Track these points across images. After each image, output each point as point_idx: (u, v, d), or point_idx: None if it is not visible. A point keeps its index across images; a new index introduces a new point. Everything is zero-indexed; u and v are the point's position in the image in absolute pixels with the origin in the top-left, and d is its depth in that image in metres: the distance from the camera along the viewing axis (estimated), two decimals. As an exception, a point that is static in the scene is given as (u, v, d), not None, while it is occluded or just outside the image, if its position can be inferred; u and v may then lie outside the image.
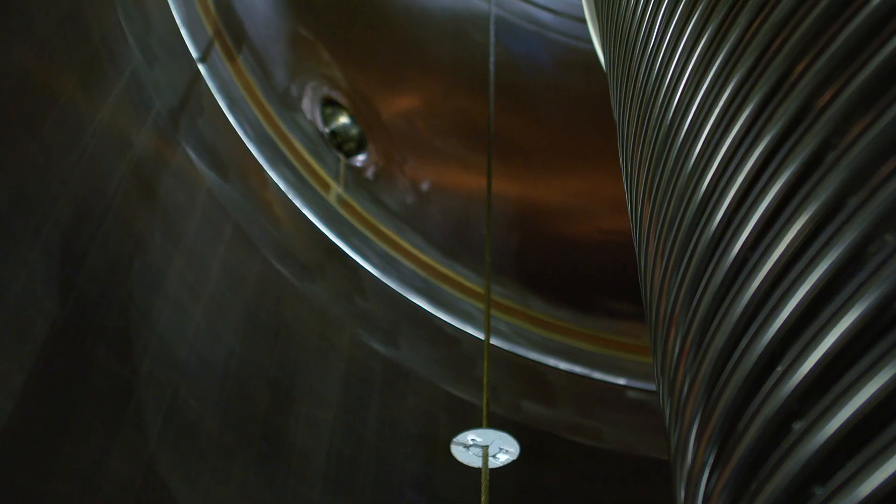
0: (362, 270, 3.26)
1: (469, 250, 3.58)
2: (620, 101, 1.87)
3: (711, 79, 1.35)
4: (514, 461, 3.27)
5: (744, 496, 1.08)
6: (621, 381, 3.73)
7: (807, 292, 0.97)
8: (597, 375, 3.70)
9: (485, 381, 2.59)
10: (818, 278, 0.96)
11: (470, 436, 2.29)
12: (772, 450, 1.00)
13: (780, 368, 1.00)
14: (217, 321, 2.45)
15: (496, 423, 2.62)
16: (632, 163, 1.74)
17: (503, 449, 2.29)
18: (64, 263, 1.94)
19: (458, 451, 2.30)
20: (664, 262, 1.49)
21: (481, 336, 2.94)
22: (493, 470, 2.69)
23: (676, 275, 1.35)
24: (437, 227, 3.63)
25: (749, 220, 1.12)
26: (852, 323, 0.89)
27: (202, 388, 2.32)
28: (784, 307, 1.01)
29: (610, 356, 3.75)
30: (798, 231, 1.00)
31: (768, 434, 1.01)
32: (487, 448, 2.30)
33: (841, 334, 0.90)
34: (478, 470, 2.38)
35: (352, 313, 3.12)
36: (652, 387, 3.66)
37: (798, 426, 0.95)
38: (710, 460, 1.20)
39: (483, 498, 2.22)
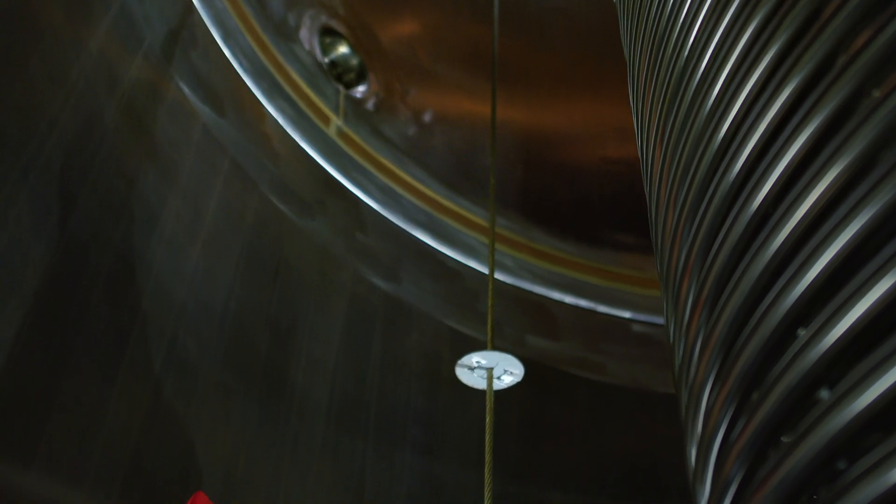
0: (363, 205, 3.20)
1: (472, 182, 3.51)
2: (632, 36, 1.78)
3: (733, 13, 1.27)
4: (519, 395, 3.25)
5: (745, 407, 1.06)
6: (626, 315, 3.69)
7: (836, 254, 0.91)
8: (602, 309, 3.67)
9: (489, 303, 2.56)
10: (849, 239, 0.90)
11: (475, 358, 2.29)
12: (776, 357, 0.98)
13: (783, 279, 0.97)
14: (215, 261, 2.39)
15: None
16: (643, 103, 1.67)
17: (508, 371, 2.29)
18: (53, 207, 1.88)
19: (462, 374, 2.30)
20: (677, 211, 1.44)
21: (485, 270, 2.89)
22: (497, 406, 2.66)
23: (690, 226, 1.30)
24: (439, 159, 3.55)
25: (771, 172, 1.06)
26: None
27: (201, 329, 2.28)
28: (809, 268, 0.95)
29: (615, 289, 3.70)
30: (827, 187, 0.94)
31: (772, 342, 0.98)
32: (492, 370, 2.29)
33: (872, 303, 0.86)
34: (482, 406, 2.36)
35: (353, 249, 3.06)
36: (657, 320, 3.62)
37: (803, 333, 0.92)
38: (713, 372, 1.19)
39: (488, 419, 2.21)
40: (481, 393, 2.42)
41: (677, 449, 1.42)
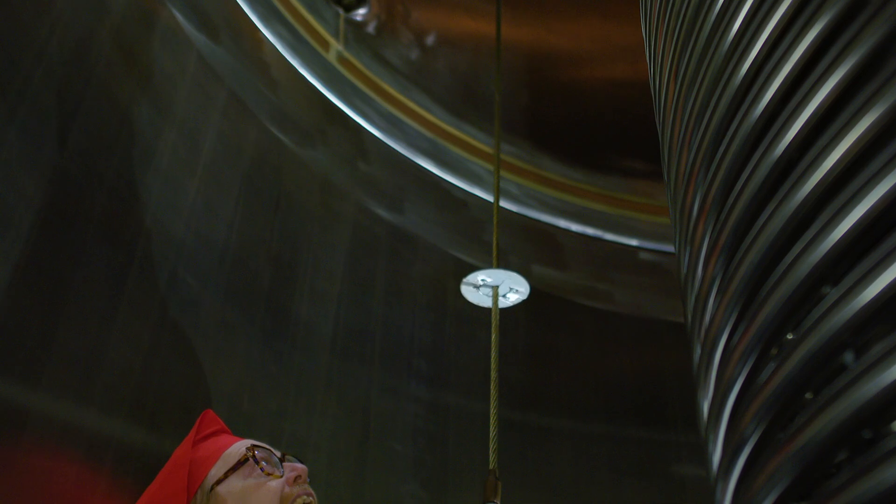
0: (365, 133, 3.12)
1: (477, 108, 3.42)
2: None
3: None
4: (525, 325, 3.23)
5: (750, 308, 1.04)
6: (634, 243, 3.64)
7: (845, 151, 0.87)
8: (609, 237, 3.61)
9: (494, 221, 2.53)
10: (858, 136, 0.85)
11: (480, 276, 2.28)
12: (782, 255, 0.94)
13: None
14: (213, 195, 2.33)
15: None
16: (656, 35, 1.59)
17: (513, 288, 2.29)
18: (43, 145, 1.81)
19: (468, 292, 2.30)
20: (685, 116, 1.39)
21: (490, 198, 2.83)
22: (502, 336, 2.64)
23: (698, 130, 1.26)
24: (443, 84, 3.45)
25: (780, 71, 1.01)
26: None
27: (201, 266, 2.24)
28: (819, 166, 0.91)
29: (623, 216, 3.65)
30: (835, 86, 0.89)
31: (781, 239, 0.96)
32: (497, 288, 2.29)
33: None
34: (487, 337, 2.33)
35: (355, 179, 3.00)
36: (665, 248, 3.58)
37: (810, 232, 0.87)
38: (718, 278, 1.17)
39: (493, 337, 2.20)
40: (487, 323, 2.39)
41: (683, 377, 1.40)
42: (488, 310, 2.40)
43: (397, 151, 3.20)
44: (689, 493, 3.20)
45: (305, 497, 1.79)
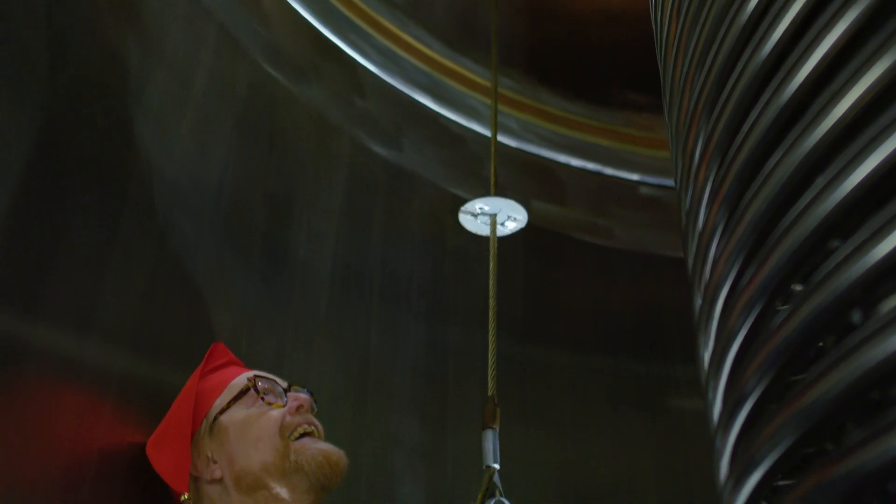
0: (361, 68, 3.05)
1: (475, 41, 3.34)
2: None
3: None
4: (524, 262, 3.21)
5: (753, 261, 1.02)
6: (634, 177, 3.60)
7: (860, 96, 0.84)
8: (609, 171, 3.57)
9: (492, 149, 2.51)
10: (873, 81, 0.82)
11: (478, 204, 2.28)
12: (790, 205, 0.93)
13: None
14: (206, 135, 2.29)
15: (506, 225, 2.54)
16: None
17: (511, 216, 2.29)
18: (30, 89, 1.77)
19: (465, 220, 2.31)
20: (687, 55, 1.36)
21: (489, 133, 2.78)
22: (501, 273, 2.63)
23: (701, 70, 1.22)
24: (440, 17, 3.37)
25: (791, 7, 0.97)
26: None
27: (195, 208, 2.21)
28: (831, 112, 0.88)
29: (623, 151, 3.60)
30: (851, 23, 0.85)
31: (789, 188, 0.93)
32: (495, 216, 2.29)
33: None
34: (487, 273, 2.31)
35: (351, 116, 2.95)
36: (666, 182, 3.53)
37: (821, 180, 0.87)
38: (720, 227, 1.14)
39: (491, 266, 2.20)
40: (486, 259, 2.37)
41: (683, 311, 1.39)
42: (488, 247, 2.38)
43: (394, 87, 3.14)
44: (689, 426, 3.23)
45: (306, 426, 1.80)
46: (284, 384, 1.93)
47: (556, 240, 3.33)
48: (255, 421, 1.84)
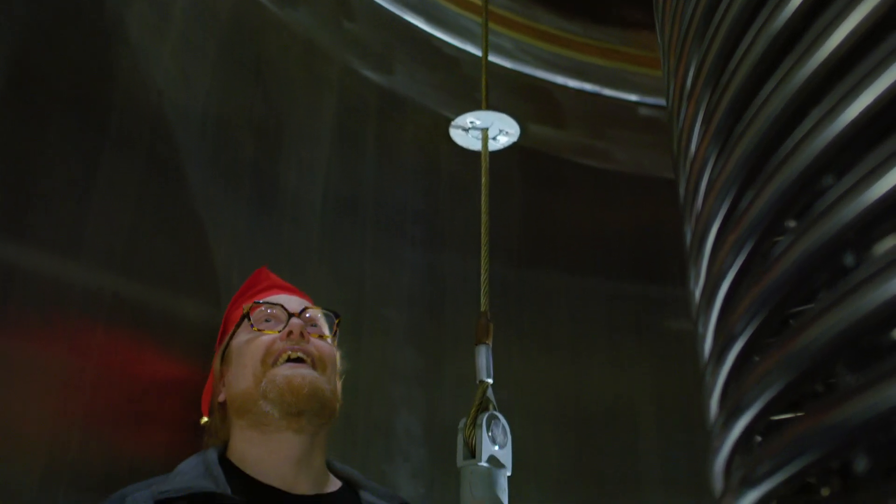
0: (349, -11, 2.95)
1: (468, -42, 3.23)
2: None
3: None
4: (521, 187, 3.17)
5: (747, 193, 0.99)
6: (633, 98, 3.52)
7: (858, 24, 0.80)
8: (607, 92, 3.49)
9: (483, 62, 2.46)
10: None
11: (469, 118, 2.26)
12: (783, 139, 0.91)
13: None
14: (189, 64, 2.22)
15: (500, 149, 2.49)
16: None
17: (503, 130, 2.27)
18: (1, 22, 1.70)
19: (456, 135, 2.30)
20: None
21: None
22: (497, 200, 2.59)
23: None
24: (431, -67, 3.25)
25: None
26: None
27: (180, 140, 2.15)
28: (826, 41, 0.84)
29: (622, 71, 3.51)
30: None
31: (782, 121, 0.91)
32: (487, 130, 2.27)
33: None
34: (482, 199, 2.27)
35: (340, 39, 2.86)
36: (665, 102, 3.46)
37: (815, 113, 0.84)
38: (711, 160, 1.13)
39: (483, 181, 2.17)
40: (481, 181, 2.32)
41: (682, 233, 1.36)
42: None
43: (384, 7, 3.04)
44: (687, 347, 3.21)
45: (291, 352, 1.83)
46: (297, 308, 1.94)
47: (553, 163, 3.27)
48: (248, 346, 1.92)
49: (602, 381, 3.06)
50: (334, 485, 1.86)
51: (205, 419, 1.94)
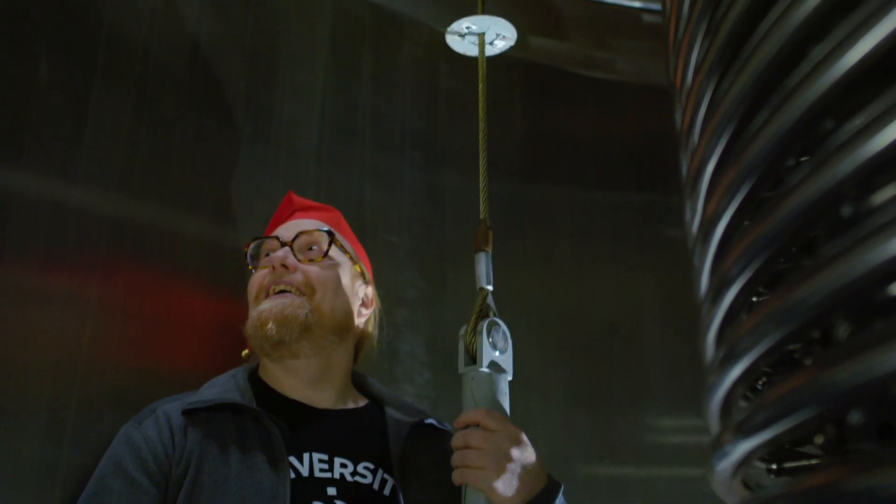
0: None
1: None
2: None
3: None
4: (521, 102, 3.11)
5: (743, 135, 0.97)
6: (636, 4, 3.42)
7: None
8: (609, 0, 3.39)
9: None
10: None
11: (465, 23, 2.23)
12: (781, 79, 0.90)
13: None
14: (175, -8, 2.16)
15: (499, 60, 2.45)
16: None
17: (500, 35, 2.24)
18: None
19: (453, 41, 2.27)
20: None
21: (481, -34, 2.61)
22: (498, 116, 2.55)
23: None
24: None
25: None
26: None
27: (170, 73, 2.11)
28: None
29: (623, -24, 3.40)
30: None
31: (780, 59, 0.89)
32: (483, 35, 2.24)
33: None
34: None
35: (332, -44, 2.77)
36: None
37: (817, 51, 0.83)
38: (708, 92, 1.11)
39: (480, 87, 2.15)
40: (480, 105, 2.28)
41: None
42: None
43: (375, -82, 2.94)
44: (690, 258, 3.20)
45: (274, 286, 1.88)
46: (291, 236, 1.95)
47: (554, 76, 3.21)
48: (249, 286, 1.97)
49: (606, 296, 3.06)
50: (361, 401, 1.92)
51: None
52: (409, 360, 2.54)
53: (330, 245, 1.93)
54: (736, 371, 0.91)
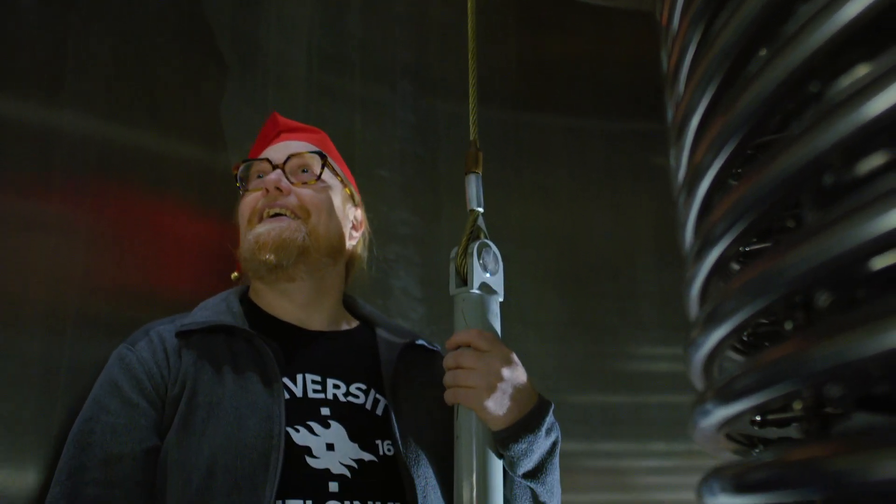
0: None
1: None
2: None
3: None
4: (516, 32, 3.04)
5: (728, 93, 0.95)
6: (632, -73, 3.32)
7: None
8: (605, -78, 3.29)
9: None
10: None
11: None
12: (766, 38, 0.88)
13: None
14: (154, -76, 2.09)
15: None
16: None
17: None
18: None
19: None
20: None
21: None
22: (493, 46, 2.50)
23: None
24: None
25: None
26: None
27: (151, 16, 2.06)
28: None
29: None
30: None
31: (766, 14, 0.86)
32: None
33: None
34: (475, 49, 2.19)
35: None
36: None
37: (805, 9, 0.78)
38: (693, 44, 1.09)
39: (469, 4, 2.08)
40: (474, 33, 2.23)
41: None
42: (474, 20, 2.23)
43: None
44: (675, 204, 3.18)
45: (269, 210, 1.87)
46: (282, 158, 1.93)
47: (549, 6, 3.13)
48: (239, 208, 1.97)
49: (601, 226, 3.05)
50: (352, 323, 1.93)
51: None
52: (402, 297, 2.54)
53: (323, 168, 1.92)
54: (719, 332, 0.90)
